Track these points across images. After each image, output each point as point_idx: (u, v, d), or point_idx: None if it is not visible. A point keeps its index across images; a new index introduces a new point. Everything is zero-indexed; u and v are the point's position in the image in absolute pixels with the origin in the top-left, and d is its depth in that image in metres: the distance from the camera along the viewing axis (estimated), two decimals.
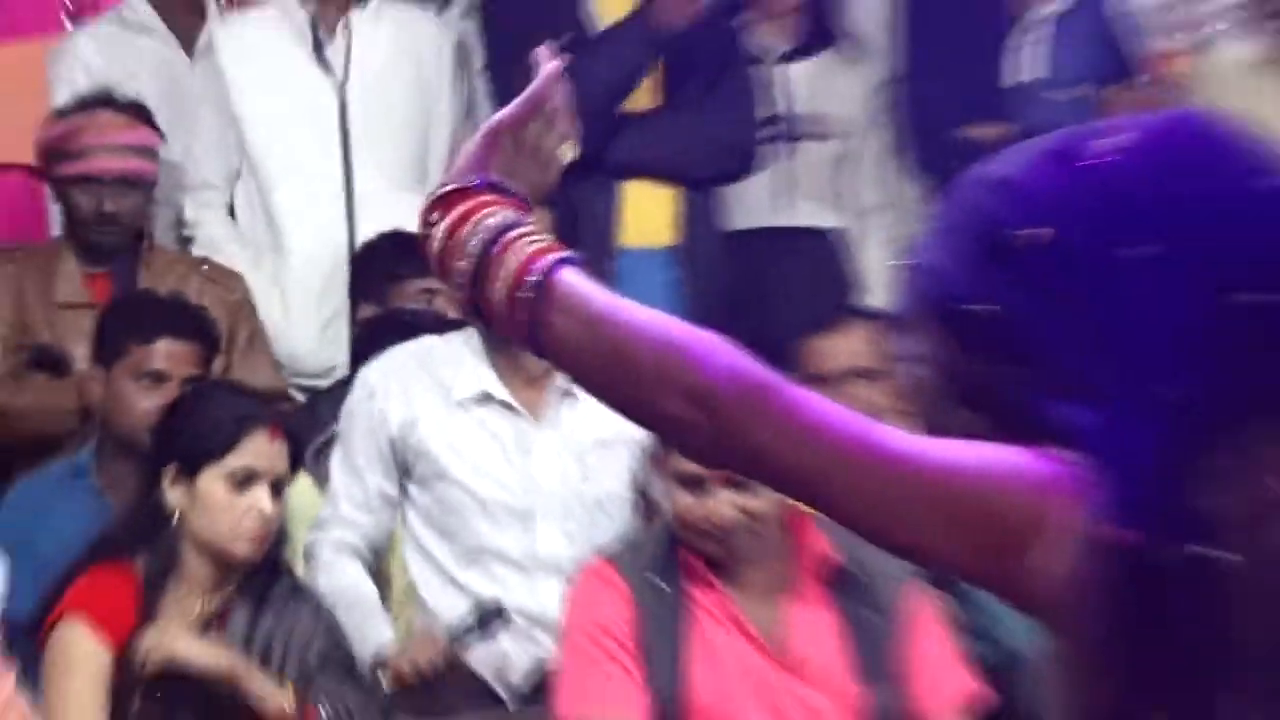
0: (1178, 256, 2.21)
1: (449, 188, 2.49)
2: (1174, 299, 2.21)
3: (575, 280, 2.38)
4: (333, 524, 5.83)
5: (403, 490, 5.82)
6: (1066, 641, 2.22)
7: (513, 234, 2.41)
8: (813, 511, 2.56)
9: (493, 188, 2.49)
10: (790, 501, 4.07)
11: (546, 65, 2.64)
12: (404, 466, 5.78)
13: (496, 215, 2.44)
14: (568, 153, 2.65)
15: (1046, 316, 2.25)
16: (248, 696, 4.98)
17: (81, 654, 4.96)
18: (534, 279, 2.36)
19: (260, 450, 5.08)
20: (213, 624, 5.05)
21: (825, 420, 2.27)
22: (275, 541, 5.19)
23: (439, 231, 2.45)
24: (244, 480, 5.04)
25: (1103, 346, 2.22)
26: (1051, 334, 2.25)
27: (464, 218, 2.44)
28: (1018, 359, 2.26)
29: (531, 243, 2.40)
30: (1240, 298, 2.18)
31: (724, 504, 4.95)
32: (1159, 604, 2.16)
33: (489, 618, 5.51)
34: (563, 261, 2.38)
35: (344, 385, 6.13)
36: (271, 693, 5.00)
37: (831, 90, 7.14)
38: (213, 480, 5.03)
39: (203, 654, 4.98)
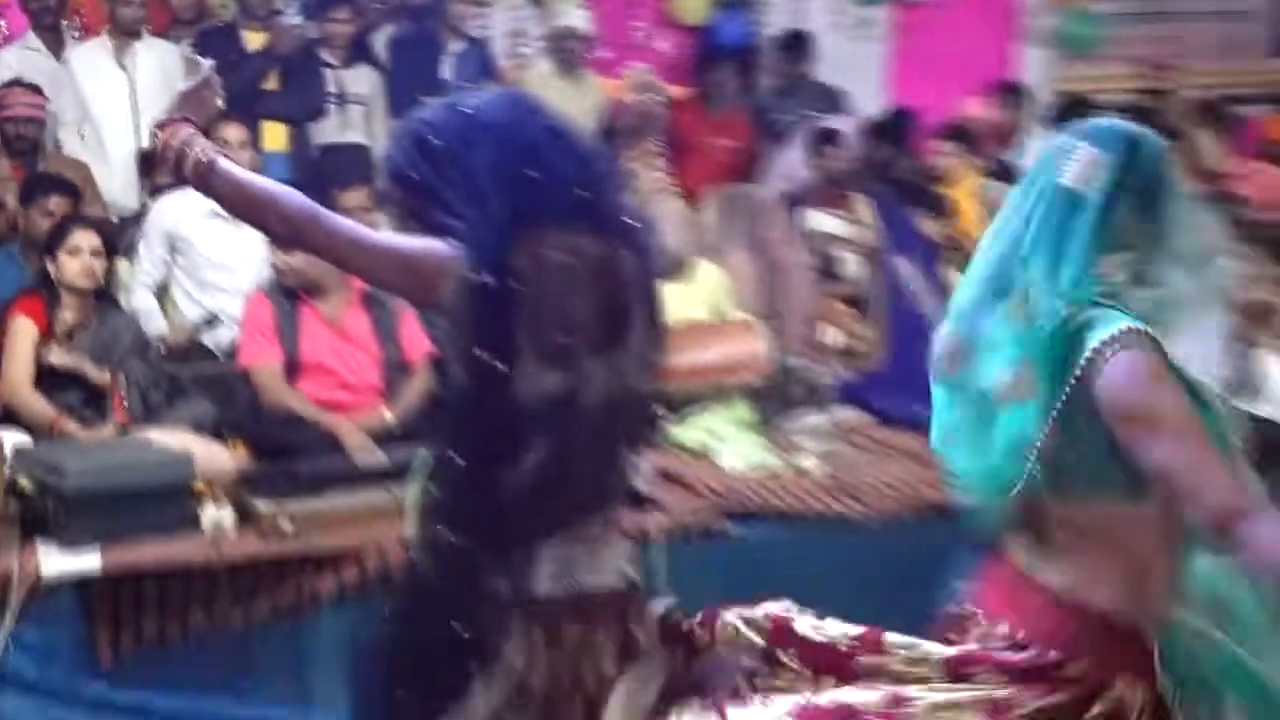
0: (501, 155, 2.23)
1: (165, 119, 2.42)
2: (498, 174, 2.22)
3: (229, 165, 2.32)
4: (139, 274, 5.62)
5: (173, 258, 5.59)
6: (452, 323, 2.26)
7: (195, 142, 2.32)
8: None
9: (186, 120, 2.38)
10: None
11: (204, 67, 2.58)
12: (174, 245, 5.58)
13: (188, 132, 2.33)
14: (217, 103, 2.55)
15: (441, 179, 2.25)
16: (88, 378, 4.72)
17: (20, 326, 4.70)
18: (204, 162, 2.29)
19: (81, 236, 4.80)
20: (75, 332, 4.77)
21: (349, 229, 2.30)
22: (106, 285, 4.91)
23: (160, 139, 2.37)
24: (75, 251, 4.76)
25: (466, 192, 2.23)
26: (444, 187, 2.25)
27: (171, 133, 2.34)
28: (430, 198, 2.27)
29: (204, 148, 2.33)
30: (528, 172, 2.22)
31: (287, 260, 4.72)
32: (493, 308, 2.18)
33: (211, 319, 5.47)
34: (220, 157, 2.33)
35: (138, 217, 5.86)
36: (97, 374, 4.71)
37: (360, 80, 6.76)
38: (63, 255, 4.77)
39: (62, 356, 4.70)
